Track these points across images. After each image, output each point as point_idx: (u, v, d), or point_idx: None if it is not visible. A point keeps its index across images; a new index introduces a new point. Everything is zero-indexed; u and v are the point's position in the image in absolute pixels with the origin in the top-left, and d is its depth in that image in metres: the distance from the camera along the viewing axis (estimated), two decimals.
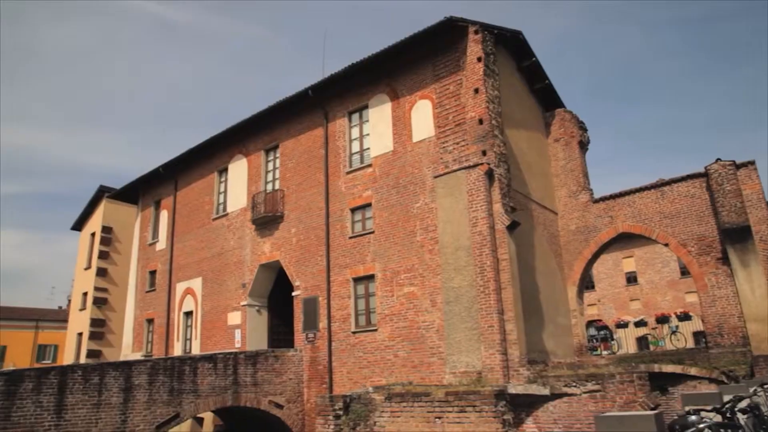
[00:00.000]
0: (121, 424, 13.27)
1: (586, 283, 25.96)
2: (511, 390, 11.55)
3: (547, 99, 20.33)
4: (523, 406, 11.66)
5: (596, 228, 18.71)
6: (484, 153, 14.69)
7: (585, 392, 11.28)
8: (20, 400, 11.87)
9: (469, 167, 14.76)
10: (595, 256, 19.12)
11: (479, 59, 15.26)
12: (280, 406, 16.65)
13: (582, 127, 20.22)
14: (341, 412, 12.67)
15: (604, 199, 18.79)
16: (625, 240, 21.78)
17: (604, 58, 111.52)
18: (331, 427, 12.60)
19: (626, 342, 28.82)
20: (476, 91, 15.17)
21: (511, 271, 13.91)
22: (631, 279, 36.54)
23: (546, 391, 11.55)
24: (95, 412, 12.94)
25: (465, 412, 10.94)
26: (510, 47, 17.85)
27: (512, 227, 14.33)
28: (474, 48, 15.42)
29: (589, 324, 32.77)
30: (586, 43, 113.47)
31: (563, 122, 20.21)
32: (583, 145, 20.13)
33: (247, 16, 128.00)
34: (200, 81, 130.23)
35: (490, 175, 14.52)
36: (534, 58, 18.50)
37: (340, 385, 16.51)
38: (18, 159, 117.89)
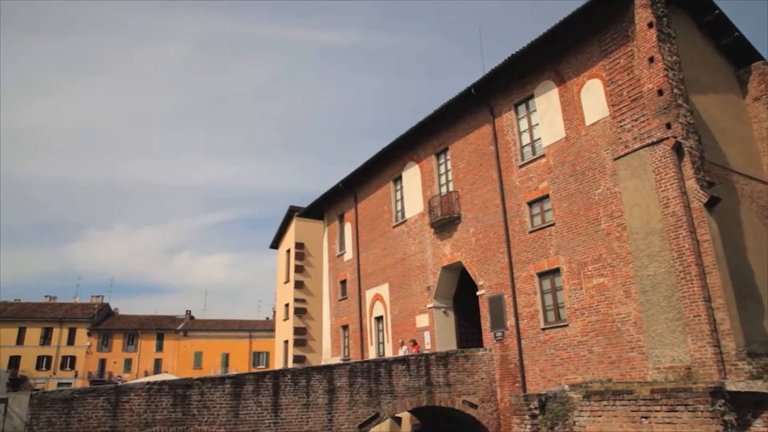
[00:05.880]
0: (328, 423, 14.35)
1: None
2: (731, 387, 10.29)
3: (739, 54, 17.85)
4: (747, 405, 10.30)
5: None
6: (668, 126, 13.38)
7: None
8: (244, 400, 13.55)
9: (653, 144, 13.54)
10: None
11: (650, 25, 13.95)
12: (474, 406, 16.70)
13: None
14: (537, 412, 12.35)
15: None
16: None
17: None
18: (528, 426, 12.34)
19: None
20: (651, 60, 13.89)
21: (716, 253, 12.44)
22: None
23: None
24: (305, 411, 14.19)
25: (676, 411, 10.02)
26: (685, 5, 16.05)
27: (711, 204, 12.82)
28: (642, 14, 14.15)
29: None
30: None
31: (763, 77, 17.61)
32: None
33: (404, 29, 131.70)
34: (367, 96, 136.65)
35: (678, 149, 13.17)
36: (717, 11, 16.39)
37: (533, 383, 16.10)
38: (224, 191, 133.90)
